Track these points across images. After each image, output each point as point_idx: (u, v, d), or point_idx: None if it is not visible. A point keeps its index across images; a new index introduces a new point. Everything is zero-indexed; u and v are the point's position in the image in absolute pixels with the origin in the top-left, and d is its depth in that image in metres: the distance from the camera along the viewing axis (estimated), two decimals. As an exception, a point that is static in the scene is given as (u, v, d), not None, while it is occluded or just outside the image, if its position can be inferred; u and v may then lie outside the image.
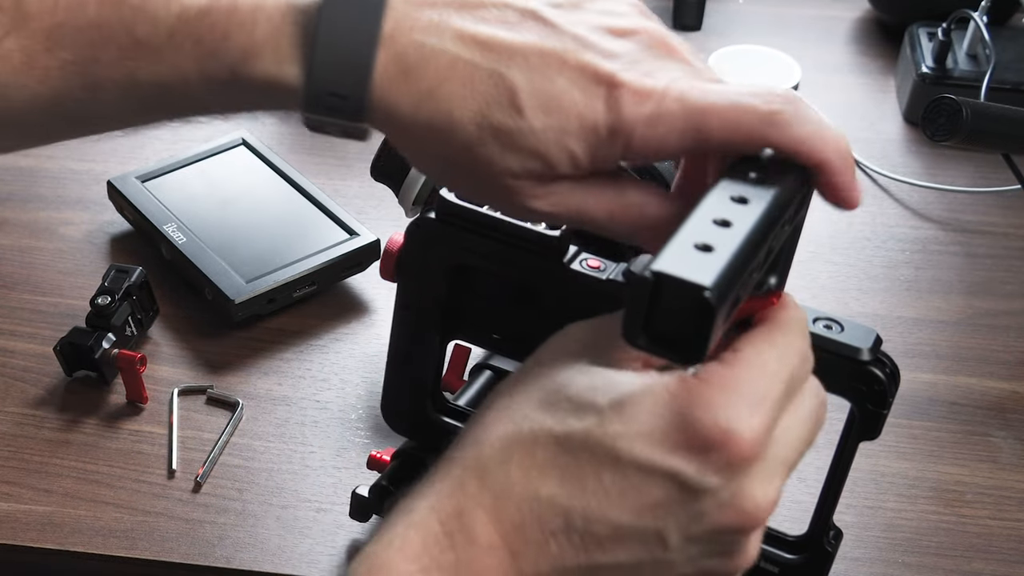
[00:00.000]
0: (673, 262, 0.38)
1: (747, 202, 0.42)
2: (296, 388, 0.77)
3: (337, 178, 0.93)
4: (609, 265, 0.54)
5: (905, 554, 0.69)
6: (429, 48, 0.45)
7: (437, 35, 0.45)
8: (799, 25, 1.18)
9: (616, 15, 0.47)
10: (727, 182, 0.44)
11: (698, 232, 0.40)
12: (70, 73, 0.48)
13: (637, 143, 0.45)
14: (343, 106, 0.46)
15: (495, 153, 0.46)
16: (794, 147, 0.45)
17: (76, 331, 0.75)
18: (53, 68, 0.47)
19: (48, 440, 0.73)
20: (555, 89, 0.45)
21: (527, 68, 0.45)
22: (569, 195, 0.47)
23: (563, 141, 0.45)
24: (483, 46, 0.45)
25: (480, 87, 0.45)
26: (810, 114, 0.45)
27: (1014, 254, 0.91)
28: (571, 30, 0.46)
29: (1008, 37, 1.06)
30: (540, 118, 0.45)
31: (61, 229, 0.88)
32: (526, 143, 0.45)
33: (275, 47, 0.46)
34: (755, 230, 0.41)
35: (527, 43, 0.45)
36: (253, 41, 0.46)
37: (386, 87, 0.46)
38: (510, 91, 0.45)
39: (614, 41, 0.46)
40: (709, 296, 0.37)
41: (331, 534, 0.68)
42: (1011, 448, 0.75)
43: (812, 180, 0.46)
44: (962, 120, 0.74)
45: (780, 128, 0.44)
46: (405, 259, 0.58)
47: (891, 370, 0.49)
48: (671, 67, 0.46)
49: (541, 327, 0.58)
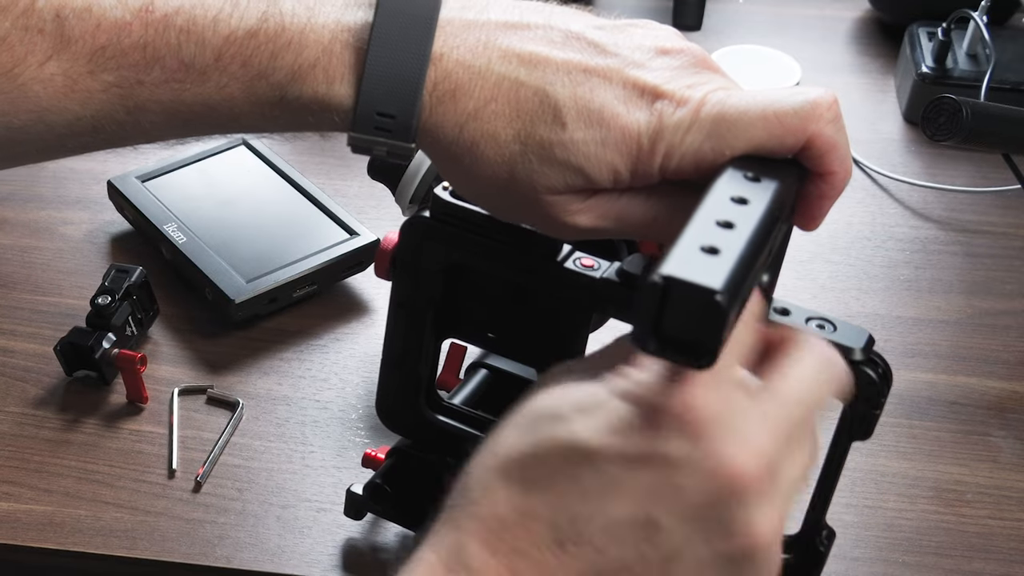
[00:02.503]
0: (681, 265, 0.38)
1: (747, 203, 0.42)
2: (296, 388, 0.77)
3: (337, 178, 0.93)
4: (602, 264, 0.54)
5: (905, 554, 0.69)
6: (476, 69, 0.46)
7: (484, 56, 0.46)
8: (799, 25, 1.18)
9: (659, 37, 0.48)
10: (724, 183, 0.44)
11: (703, 234, 0.40)
12: (113, 96, 0.48)
13: (677, 151, 0.46)
14: (392, 126, 0.47)
15: (536, 169, 0.46)
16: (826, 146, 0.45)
17: (76, 331, 0.75)
18: (96, 91, 0.47)
19: (48, 440, 0.73)
20: (598, 102, 0.46)
21: (571, 83, 0.46)
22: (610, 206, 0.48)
23: (604, 154, 0.46)
24: (528, 63, 0.46)
25: (524, 104, 0.46)
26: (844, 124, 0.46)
27: (1014, 254, 0.91)
28: (615, 50, 0.47)
29: (1008, 37, 1.06)
30: (582, 130, 0.46)
31: (61, 229, 0.88)
32: (568, 157, 0.46)
33: (325, 67, 0.47)
34: (758, 230, 0.41)
35: (571, 60, 0.46)
36: (302, 62, 0.47)
37: (433, 108, 0.47)
38: (554, 105, 0.46)
39: (658, 58, 0.47)
40: (720, 299, 0.37)
41: (331, 534, 0.68)
42: (1011, 448, 0.75)
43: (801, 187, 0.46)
44: (962, 120, 0.74)
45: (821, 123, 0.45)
46: (400, 258, 0.58)
47: (884, 370, 0.49)
48: (713, 79, 0.47)
49: (535, 325, 0.58)
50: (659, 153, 0.46)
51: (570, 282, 0.54)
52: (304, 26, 0.47)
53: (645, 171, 0.46)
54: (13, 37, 0.46)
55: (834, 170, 0.46)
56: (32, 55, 0.47)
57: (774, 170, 0.45)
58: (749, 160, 0.46)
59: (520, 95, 0.46)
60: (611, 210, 0.48)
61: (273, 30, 0.47)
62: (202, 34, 0.47)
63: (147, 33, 0.47)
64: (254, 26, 0.47)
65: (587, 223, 0.48)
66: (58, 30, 0.47)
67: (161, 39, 0.47)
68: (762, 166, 0.45)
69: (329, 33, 0.47)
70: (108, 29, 0.47)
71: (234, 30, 0.47)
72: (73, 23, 0.47)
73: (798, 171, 0.47)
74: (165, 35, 0.47)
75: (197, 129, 0.50)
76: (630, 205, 0.48)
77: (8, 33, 0.46)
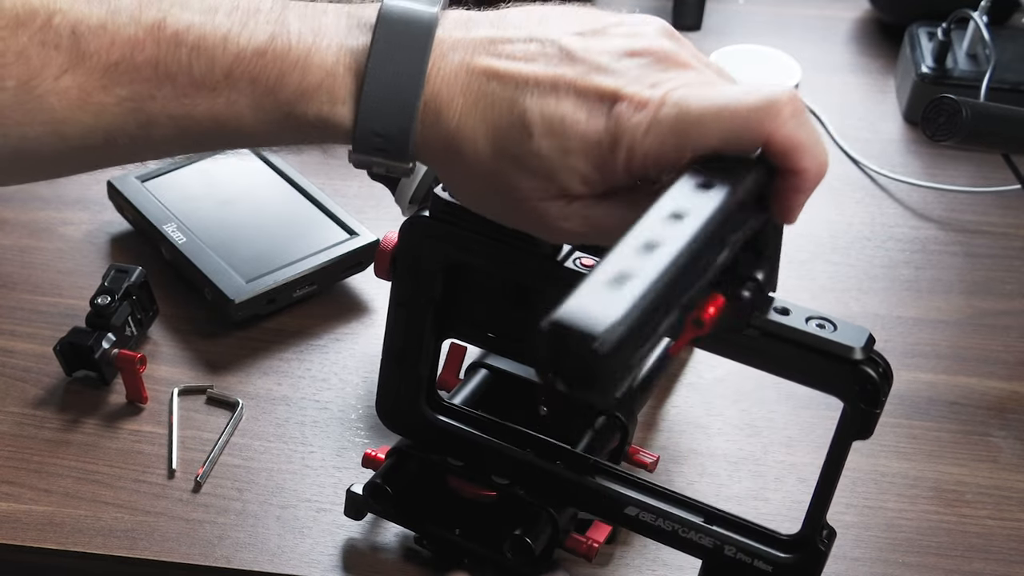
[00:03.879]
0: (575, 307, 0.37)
1: (682, 218, 0.42)
2: (296, 388, 0.77)
3: (337, 178, 0.93)
4: None
5: (905, 554, 0.69)
6: (458, 88, 0.48)
7: (465, 75, 0.48)
8: (799, 25, 1.18)
9: (636, 36, 0.49)
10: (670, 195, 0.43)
11: (619, 260, 0.39)
12: (126, 110, 0.49)
13: (638, 153, 0.46)
14: (387, 146, 0.49)
15: (514, 179, 0.49)
16: (787, 144, 0.45)
17: (76, 331, 0.75)
18: (109, 104, 0.49)
19: (48, 440, 0.73)
20: (560, 112, 0.47)
21: (539, 95, 0.48)
22: (590, 212, 0.49)
23: (568, 161, 0.47)
24: (502, 79, 0.48)
25: (499, 120, 0.48)
26: (808, 119, 0.46)
27: (1014, 254, 0.91)
28: (586, 56, 0.48)
29: (1008, 37, 1.06)
30: (547, 139, 0.47)
31: (61, 229, 0.88)
32: (537, 165, 0.48)
33: (329, 89, 0.49)
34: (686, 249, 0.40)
35: (539, 73, 0.48)
36: (307, 83, 0.49)
37: (425, 128, 0.49)
38: (522, 117, 0.48)
39: (623, 60, 0.48)
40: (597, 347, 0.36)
41: (331, 534, 0.68)
42: (1011, 448, 0.75)
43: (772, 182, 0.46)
44: (962, 120, 0.74)
45: (778, 121, 0.45)
46: (400, 258, 0.58)
47: (884, 369, 0.49)
48: (676, 76, 0.47)
49: (535, 326, 0.58)
50: (620, 156, 0.47)
51: (570, 282, 0.54)
52: (310, 48, 0.49)
53: (612, 174, 0.47)
54: (31, 51, 0.48)
55: (802, 167, 0.46)
56: (48, 68, 0.48)
57: (734, 172, 0.44)
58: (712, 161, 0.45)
59: (495, 111, 0.48)
60: (593, 216, 0.49)
61: (281, 50, 0.49)
62: (212, 53, 0.49)
63: (159, 50, 0.49)
64: (263, 45, 0.49)
65: (574, 228, 0.49)
66: (74, 46, 0.48)
67: (172, 56, 0.49)
68: (723, 168, 0.44)
69: (333, 56, 0.49)
70: (122, 45, 0.48)
71: (243, 49, 0.49)
72: (88, 39, 0.48)
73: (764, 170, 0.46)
74: (176, 52, 0.49)
75: (205, 144, 0.52)
76: (610, 211, 0.49)
77: (26, 48, 0.48)
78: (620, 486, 0.60)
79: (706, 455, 0.74)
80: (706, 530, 0.58)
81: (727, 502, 0.68)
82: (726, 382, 0.78)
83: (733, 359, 0.52)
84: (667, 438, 0.74)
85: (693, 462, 0.73)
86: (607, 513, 0.61)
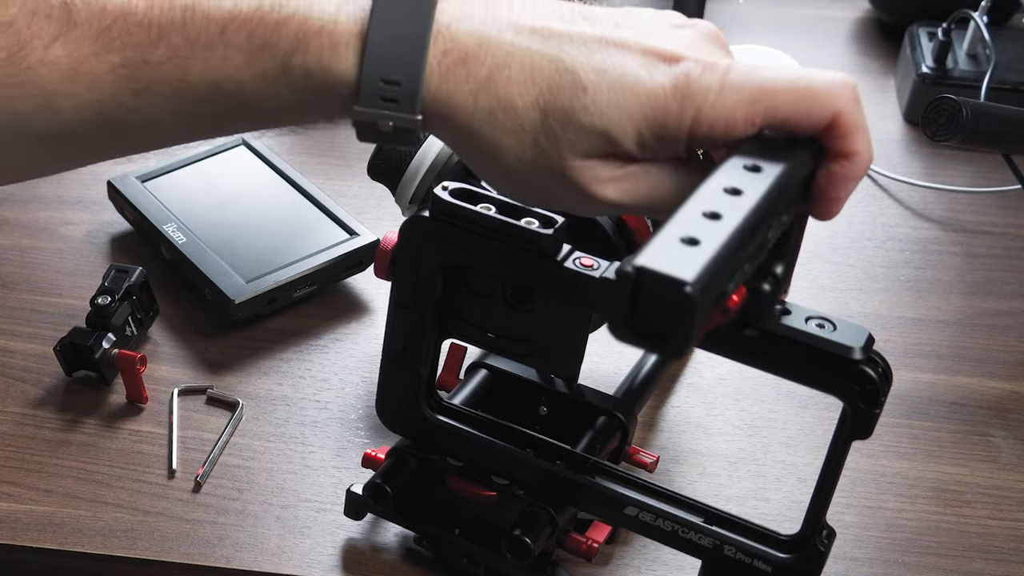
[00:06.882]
0: (657, 256, 0.38)
1: (740, 193, 0.42)
2: (296, 388, 0.77)
3: (337, 178, 0.93)
4: (602, 263, 0.54)
5: (905, 554, 0.69)
6: (486, 38, 0.46)
7: (494, 26, 0.46)
8: (799, 25, 1.18)
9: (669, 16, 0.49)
10: (721, 172, 0.43)
11: (686, 225, 0.40)
12: (119, 77, 0.48)
13: (707, 115, 0.45)
14: (397, 94, 0.46)
15: (560, 136, 0.46)
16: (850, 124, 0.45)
17: (76, 331, 0.75)
18: (102, 73, 0.47)
19: (48, 440, 0.73)
20: (619, 68, 0.45)
21: (587, 51, 0.46)
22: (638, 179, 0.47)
23: (629, 117, 0.45)
24: (540, 34, 0.46)
25: (540, 71, 0.46)
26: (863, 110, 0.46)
27: (1014, 254, 0.91)
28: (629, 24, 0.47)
29: (1008, 37, 1.06)
30: (604, 94, 0.45)
31: (61, 229, 0.88)
32: (592, 121, 0.45)
33: (329, 35, 0.46)
34: (745, 222, 0.41)
35: (584, 32, 0.46)
36: (306, 30, 0.46)
37: (444, 77, 0.46)
38: (572, 72, 0.45)
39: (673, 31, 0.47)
40: (690, 291, 0.37)
41: (331, 534, 0.68)
42: (1011, 448, 0.75)
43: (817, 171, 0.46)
44: (962, 120, 0.74)
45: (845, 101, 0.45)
46: (399, 258, 0.58)
47: (883, 369, 0.49)
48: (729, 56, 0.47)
49: (535, 325, 0.58)
50: (688, 116, 0.45)
51: (570, 282, 0.54)
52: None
53: (673, 136, 0.46)
54: (20, 22, 0.47)
55: (860, 149, 0.46)
56: (38, 38, 0.47)
57: (780, 159, 0.44)
58: (756, 145, 0.45)
59: (534, 63, 0.46)
60: (640, 183, 0.47)
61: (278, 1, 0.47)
62: (207, 10, 0.47)
63: (152, 11, 0.47)
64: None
65: (616, 196, 0.47)
66: (64, 15, 0.47)
67: (166, 17, 0.47)
68: (769, 153, 0.45)
69: (334, 3, 0.47)
70: (113, 10, 0.47)
71: (239, 2, 0.47)
72: (80, 7, 0.47)
73: (810, 158, 0.46)
74: (170, 12, 0.47)
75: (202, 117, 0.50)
76: (659, 179, 0.47)
77: (14, 18, 0.47)
78: (620, 486, 0.60)
79: (706, 455, 0.74)
80: (706, 530, 0.58)
81: (727, 502, 0.68)
82: (726, 382, 0.78)
83: (733, 359, 0.52)
84: (667, 438, 0.75)
85: (693, 462, 0.73)
86: (607, 513, 0.61)
